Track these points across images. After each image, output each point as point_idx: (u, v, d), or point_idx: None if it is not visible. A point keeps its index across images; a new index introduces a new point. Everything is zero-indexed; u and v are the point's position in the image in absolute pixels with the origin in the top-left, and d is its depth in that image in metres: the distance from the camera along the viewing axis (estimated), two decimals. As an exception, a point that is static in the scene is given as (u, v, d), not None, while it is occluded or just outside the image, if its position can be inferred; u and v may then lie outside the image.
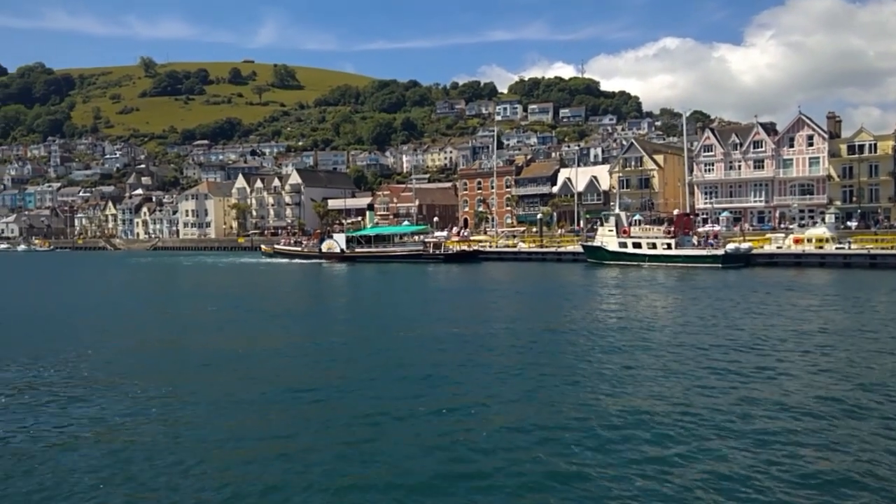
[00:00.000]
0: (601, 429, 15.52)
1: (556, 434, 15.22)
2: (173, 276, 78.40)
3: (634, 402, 17.68)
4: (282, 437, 15.39)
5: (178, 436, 15.49)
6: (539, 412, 16.91)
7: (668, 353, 24.08)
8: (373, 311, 40.67)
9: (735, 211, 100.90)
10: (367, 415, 16.86)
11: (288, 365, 23.18)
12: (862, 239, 66.64)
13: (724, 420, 16.10)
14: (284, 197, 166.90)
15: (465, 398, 18.36)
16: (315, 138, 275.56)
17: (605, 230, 74.07)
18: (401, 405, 17.68)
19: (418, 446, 14.67)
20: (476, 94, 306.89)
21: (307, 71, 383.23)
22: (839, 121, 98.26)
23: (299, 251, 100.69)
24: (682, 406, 17.22)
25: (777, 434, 15.05)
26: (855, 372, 20.76)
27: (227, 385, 20.10)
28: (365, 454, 14.24)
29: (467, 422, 16.24)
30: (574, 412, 16.86)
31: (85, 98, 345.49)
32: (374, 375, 21.20)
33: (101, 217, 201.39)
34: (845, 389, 18.59)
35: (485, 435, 15.15)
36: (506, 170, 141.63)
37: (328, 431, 15.74)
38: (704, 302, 39.00)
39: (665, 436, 15.04)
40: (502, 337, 28.02)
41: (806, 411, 16.62)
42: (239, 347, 26.57)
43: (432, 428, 15.96)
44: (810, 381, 19.73)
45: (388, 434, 15.46)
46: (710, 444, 14.58)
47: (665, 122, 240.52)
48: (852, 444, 14.40)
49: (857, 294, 41.65)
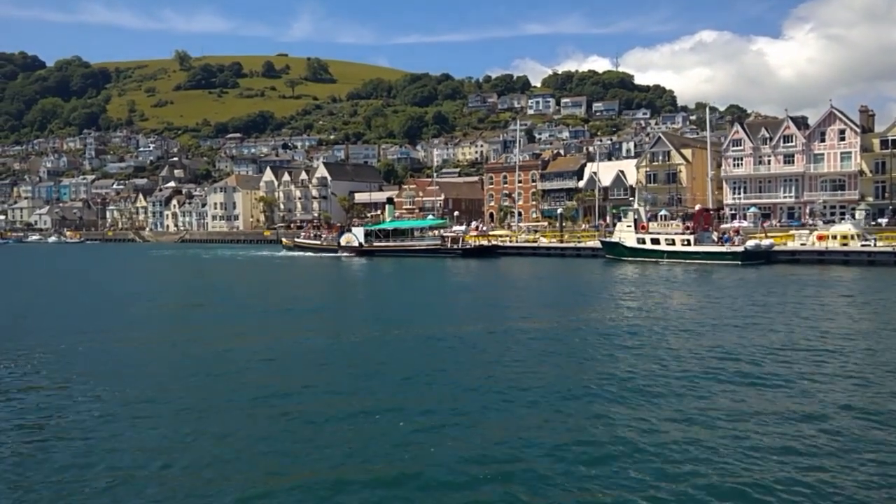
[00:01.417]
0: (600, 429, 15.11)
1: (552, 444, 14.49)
2: (183, 269, 78.15)
3: (626, 411, 16.79)
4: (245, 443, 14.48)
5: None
6: (542, 425, 15.88)
7: (667, 355, 23.01)
8: (376, 306, 39.86)
9: (764, 207, 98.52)
10: (359, 414, 16.48)
11: (253, 369, 22.12)
12: (889, 236, 64.22)
13: (718, 424, 15.61)
14: (311, 190, 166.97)
15: (438, 401, 17.76)
16: (347, 132, 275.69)
17: (624, 226, 72.51)
18: (380, 405, 17.22)
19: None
20: (509, 87, 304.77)
21: (340, 65, 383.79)
22: (872, 115, 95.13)
23: (318, 245, 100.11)
24: (677, 412, 16.60)
25: (778, 444, 14.37)
26: (860, 374, 20.02)
27: (174, 390, 19.15)
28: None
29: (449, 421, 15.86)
30: (564, 421, 16.11)
31: (121, 91, 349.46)
32: (346, 378, 20.32)
33: (132, 209, 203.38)
34: (847, 395, 17.86)
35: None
36: (532, 164, 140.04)
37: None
38: (716, 301, 37.70)
39: (664, 443, 14.42)
40: (493, 338, 26.91)
41: (806, 419, 15.96)
42: (209, 345, 25.72)
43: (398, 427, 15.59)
44: (811, 387, 18.82)
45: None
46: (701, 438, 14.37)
47: (699, 117, 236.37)
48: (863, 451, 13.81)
49: (878, 293, 39.79)
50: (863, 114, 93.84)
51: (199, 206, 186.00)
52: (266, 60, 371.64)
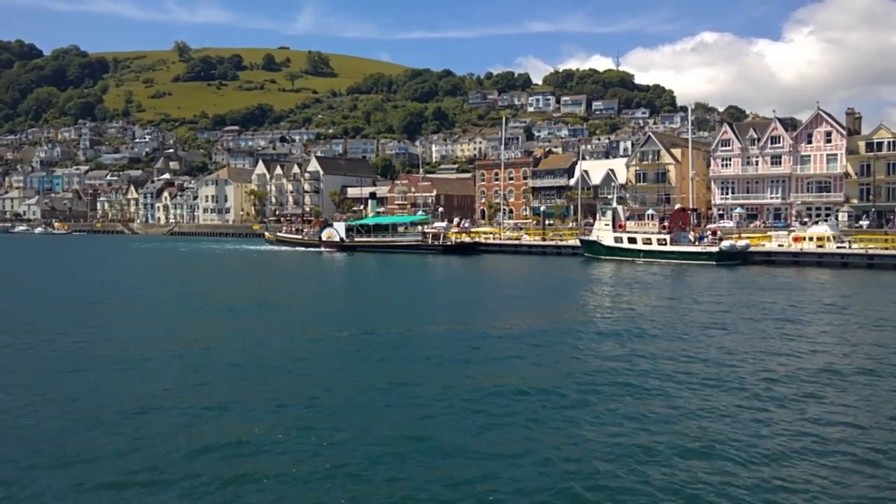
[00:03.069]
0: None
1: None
2: (147, 262, 76.61)
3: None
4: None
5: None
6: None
7: (621, 357, 22.69)
8: (334, 303, 38.99)
9: (751, 207, 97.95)
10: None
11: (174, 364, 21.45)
12: (867, 238, 63.67)
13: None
14: (303, 184, 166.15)
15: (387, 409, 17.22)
16: (346, 126, 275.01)
17: (602, 224, 71.79)
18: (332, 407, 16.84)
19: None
20: (510, 84, 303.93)
21: (341, 58, 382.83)
22: (858, 117, 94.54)
23: (300, 239, 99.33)
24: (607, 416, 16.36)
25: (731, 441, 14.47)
26: (806, 375, 20.10)
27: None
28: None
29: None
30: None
31: (118, 82, 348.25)
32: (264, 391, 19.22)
33: (123, 201, 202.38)
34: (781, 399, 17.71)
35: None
36: (523, 161, 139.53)
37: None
38: (680, 302, 37.15)
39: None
40: (451, 339, 25.95)
41: (755, 415, 16.11)
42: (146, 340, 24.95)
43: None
44: (751, 392, 18.42)
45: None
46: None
47: (698, 117, 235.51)
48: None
49: (841, 296, 39.12)
50: (849, 116, 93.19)
51: (190, 198, 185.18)
52: (266, 53, 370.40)
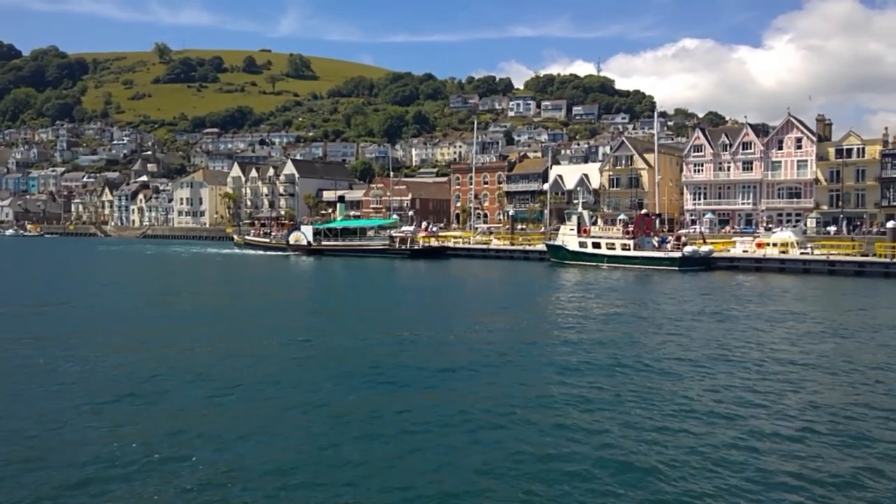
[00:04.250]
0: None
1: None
2: (111, 265, 75.21)
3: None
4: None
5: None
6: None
7: (560, 364, 22.24)
8: (278, 310, 37.76)
9: (723, 213, 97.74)
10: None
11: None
12: (829, 245, 63.41)
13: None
14: (279, 187, 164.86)
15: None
16: (326, 129, 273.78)
17: (567, 229, 71.22)
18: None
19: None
20: (491, 89, 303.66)
21: (323, 61, 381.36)
22: (829, 124, 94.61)
23: (267, 242, 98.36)
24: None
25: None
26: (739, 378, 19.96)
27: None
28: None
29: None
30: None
31: (97, 83, 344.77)
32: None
33: (98, 203, 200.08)
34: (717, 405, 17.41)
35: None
36: (498, 165, 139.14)
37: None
38: (635, 308, 36.65)
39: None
40: (395, 348, 25.07)
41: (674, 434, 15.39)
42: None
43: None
44: (685, 402, 18.01)
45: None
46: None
47: (677, 123, 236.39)
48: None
49: (794, 303, 38.52)
50: (819, 123, 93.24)
51: (165, 201, 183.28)
52: (247, 55, 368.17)
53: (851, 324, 31.65)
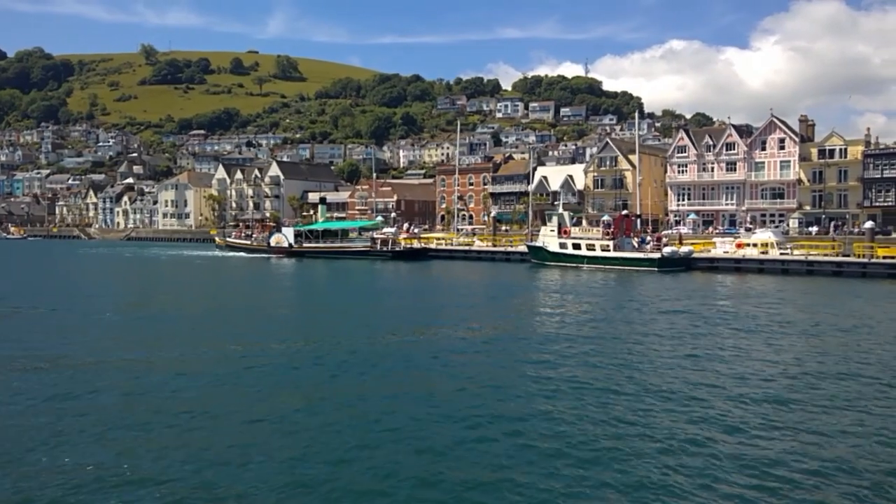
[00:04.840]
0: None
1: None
2: (83, 268, 73.70)
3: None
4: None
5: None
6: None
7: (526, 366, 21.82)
8: (242, 314, 37.00)
9: (707, 214, 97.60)
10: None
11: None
12: (808, 245, 63.19)
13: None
14: (264, 189, 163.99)
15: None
16: (313, 131, 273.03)
17: (547, 230, 70.71)
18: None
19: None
20: (479, 90, 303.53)
21: (311, 63, 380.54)
22: (812, 125, 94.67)
23: (248, 245, 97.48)
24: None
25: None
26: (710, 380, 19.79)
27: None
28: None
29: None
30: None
31: (83, 85, 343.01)
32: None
33: (82, 205, 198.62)
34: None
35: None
36: (483, 167, 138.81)
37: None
38: (611, 309, 36.17)
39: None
40: (365, 352, 24.13)
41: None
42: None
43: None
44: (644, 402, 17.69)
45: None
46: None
47: (664, 124, 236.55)
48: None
49: (769, 303, 38.10)
50: (802, 123, 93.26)
51: (150, 203, 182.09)
52: (234, 57, 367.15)
53: (805, 322, 31.67)
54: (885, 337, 27.73)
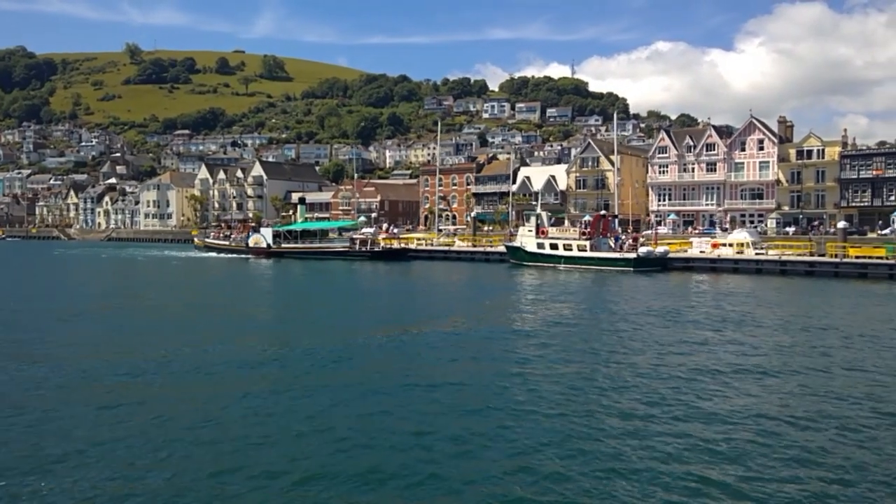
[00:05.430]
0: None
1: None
2: (52, 269, 73.05)
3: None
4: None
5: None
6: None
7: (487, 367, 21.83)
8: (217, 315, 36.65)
9: (687, 214, 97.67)
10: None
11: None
12: (782, 245, 63.41)
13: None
14: (247, 189, 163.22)
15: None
16: (299, 131, 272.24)
17: (525, 230, 70.57)
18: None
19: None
20: (466, 91, 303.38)
21: (297, 63, 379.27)
22: (790, 126, 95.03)
23: (227, 245, 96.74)
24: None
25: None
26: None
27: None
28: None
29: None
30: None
31: (66, 84, 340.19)
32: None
33: (62, 206, 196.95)
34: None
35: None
36: (466, 167, 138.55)
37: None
38: (577, 310, 36.00)
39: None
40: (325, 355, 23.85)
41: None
42: None
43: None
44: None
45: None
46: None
47: (649, 125, 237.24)
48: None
49: (734, 302, 38.05)
50: (781, 124, 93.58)
51: (132, 203, 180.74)
52: (220, 56, 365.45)
53: (763, 319, 31.98)
54: (819, 332, 28.36)
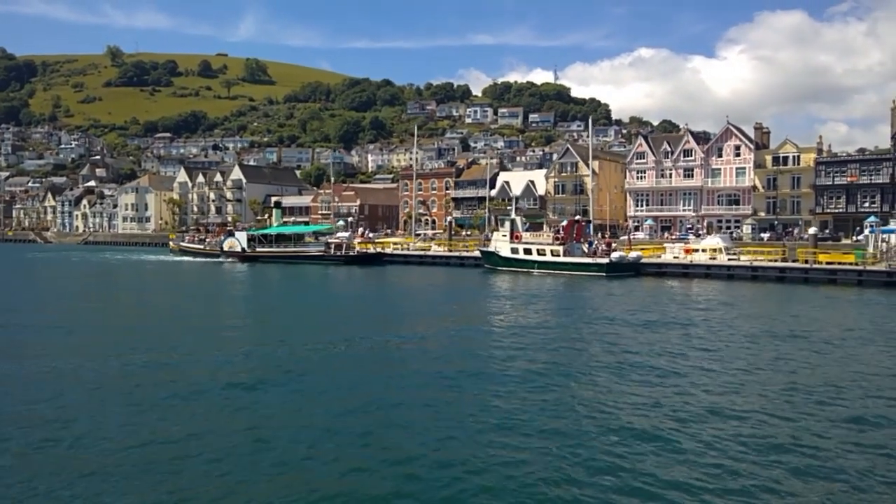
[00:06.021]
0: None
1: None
2: (15, 274, 72.04)
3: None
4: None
5: None
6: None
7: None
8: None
9: (665, 219, 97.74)
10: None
11: None
12: (754, 251, 63.46)
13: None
14: (226, 192, 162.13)
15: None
16: (281, 134, 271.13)
17: (500, 235, 70.40)
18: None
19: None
20: (449, 95, 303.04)
21: (281, 66, 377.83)
22: (767, 132, 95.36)
23: (201, 249, 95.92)
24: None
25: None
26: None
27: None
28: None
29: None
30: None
31: (46, 86, 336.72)
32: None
33: (40, 209, 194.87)
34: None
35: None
36: (446, 172, 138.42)
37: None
38: (544, 313, 36.07)
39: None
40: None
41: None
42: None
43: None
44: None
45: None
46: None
47: (629, 131, 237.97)
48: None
49: (699, 307, 37.83)
50: (757, 130, 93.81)
51: (110, 206, 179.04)
52: (203, 59, 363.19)
53: (723, 323, 32.06)
54: (770, 336, 28.60)
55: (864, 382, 20.35)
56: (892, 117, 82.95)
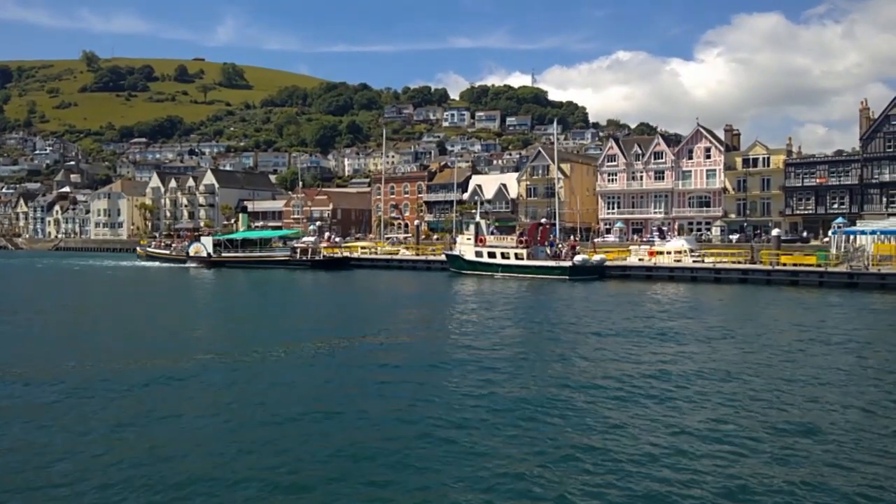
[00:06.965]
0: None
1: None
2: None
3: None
4: None
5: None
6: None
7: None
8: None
9: (636, 222, 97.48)
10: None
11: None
12: (717, 253, 63.35)
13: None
14: (198, 198, 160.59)
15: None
16: (258, 139, 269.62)
17: (464, 238, 69.81)
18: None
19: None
20: (426, 99, 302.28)
21: (257, 71, 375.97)
22: (737, 134, 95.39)
23: (168, 254, 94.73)
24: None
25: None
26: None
27: None
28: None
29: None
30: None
31: (21, 91, 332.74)
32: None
33: (12, 215, 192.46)
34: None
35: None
36: (418, 175, 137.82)
37: None
38: (499, 317, 35.63)
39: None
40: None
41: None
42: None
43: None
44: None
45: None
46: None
47: (606, 134, 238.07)
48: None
49: (653, 310, 37.21)
50: (727, 132, 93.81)
51: (83, 212, 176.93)
52: (179, 64, 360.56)
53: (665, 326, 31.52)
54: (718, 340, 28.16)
55: (794, 387, 19.75)
56: (861, 119, 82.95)
